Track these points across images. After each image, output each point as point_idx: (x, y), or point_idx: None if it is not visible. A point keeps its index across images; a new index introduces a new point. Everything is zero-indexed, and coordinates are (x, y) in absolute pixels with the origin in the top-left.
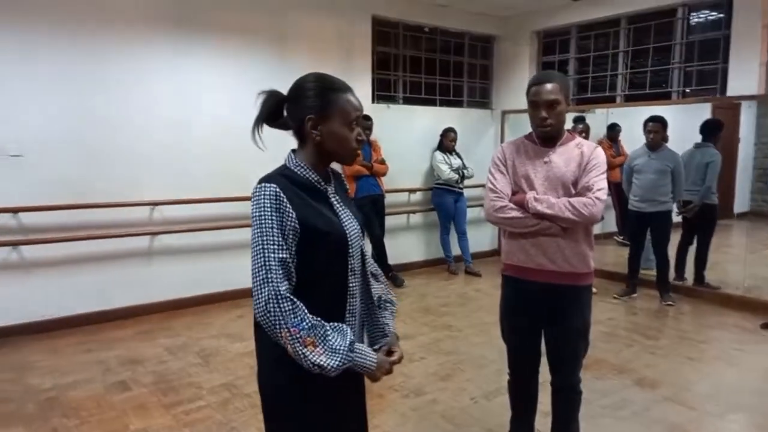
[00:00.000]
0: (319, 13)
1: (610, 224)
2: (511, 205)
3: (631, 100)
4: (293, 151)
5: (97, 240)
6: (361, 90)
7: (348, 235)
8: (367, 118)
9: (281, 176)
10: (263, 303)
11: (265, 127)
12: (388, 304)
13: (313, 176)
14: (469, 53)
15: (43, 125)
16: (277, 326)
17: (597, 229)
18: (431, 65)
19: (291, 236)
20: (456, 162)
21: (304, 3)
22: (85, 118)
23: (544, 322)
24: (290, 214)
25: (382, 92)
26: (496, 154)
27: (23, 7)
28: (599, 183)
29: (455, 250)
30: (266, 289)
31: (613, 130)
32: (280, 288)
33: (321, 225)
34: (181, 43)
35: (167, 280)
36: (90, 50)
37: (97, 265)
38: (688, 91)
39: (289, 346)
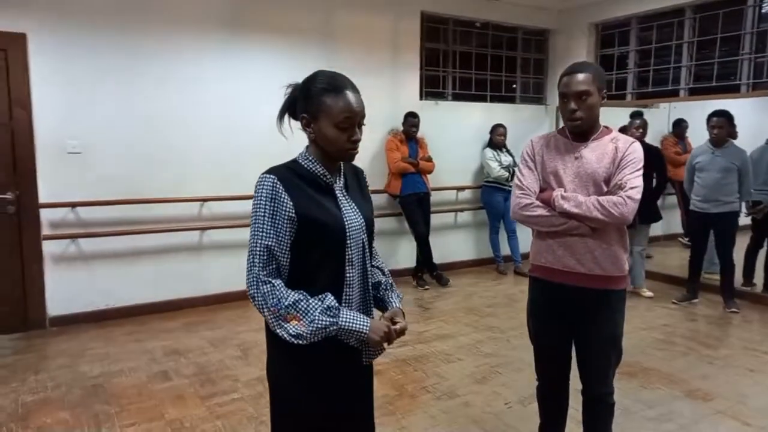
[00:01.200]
0: (367, 11)
1: (675, 225)
2: (537, 202)
3: (696, 93)
4: (307, 145)
5: (150, 234)
6: (409, 87)
7: (347, 227)
8: (414, 115)
9: (287, 168)
10: (248, 287)
11: None
12: (393, 288)
13: (318, 169)
14: (523, 48)
15: (101, 125)
16: (261, 308)
17: (659, 229)
18: (482, 60)
19: (286, 225)
20: (506, 159)
21: (352, 1)
22: (140, 118)
23: (573, 327)
24: (286, 204)
25: (431, 89)
26: (525, 149)
27: (90, 10)
28: (633, 181)
29: (505, 250)
30: (250, 274)
31: (680, 126)
32: (260, 273)
33: (319, 215)
34: (231, 45)
35: (214, 273)
36: (146, 53)
37: (150, 258)
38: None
39: (271, 324)
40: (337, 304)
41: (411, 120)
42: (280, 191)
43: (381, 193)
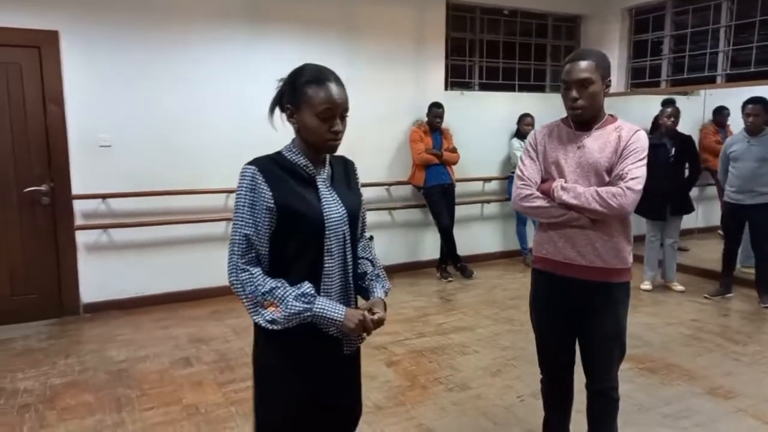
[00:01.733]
0: (390, 1)
1: (715, 217)
2: (537, 193)
3: (733, 80)
4: (294, 138)
5: (178, 225)
6: (434, 77)
7: (326, 219)
8: (438, 105)
9: (269, 159)
10: (228, 275)
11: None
12: (380, 277)
13: (301, 161)
14: (553, 35)
15: (130, 119)
16: (239, 294)
17: (699, 221)
18: (510, 49)
19: (265, 215)
20: None
21: None
22: (166, 112)
23: (575, 321)
24: (265, 194)
25: (457, 79)
26: (529, 139)
27: (118, 8)
28: (635, 171)
29: (532, 242)
30: (230, 263)
31: (721, 114)
32: (239, 261)
33: (298, 206)
34: (253, 38)
35: None
36: (171, 50)
37: (178, 248)
38: None
39: (248, 311)
40: (313, 292)
41: (435, 111)
42: (260, 182)
43: (405, 184)
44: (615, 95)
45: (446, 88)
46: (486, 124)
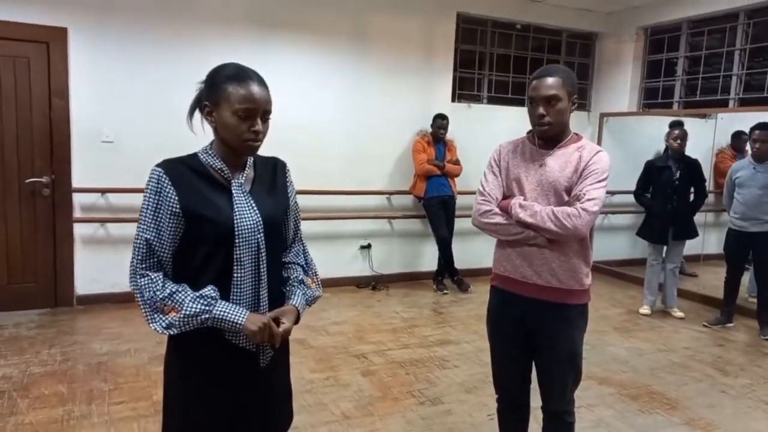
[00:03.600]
0: (399, 11)
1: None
2: (497, 210)
3: (746, 104)
4: (213, 139)
5: None
6: (441, 89)
7: (235, 226)
8: (443, 116)
9: (180, 161)
10: (129, 280)
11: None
12: (302, 284)
13: (216, 164)
14: (567, 51)
15: (134, 116)
16: (138, 299)
17: (705, 247)
18: (521, 63)
19: (169, 219)
20: None
21: (386, 0)
22: (170, 112)
23: (530, 341)
24: (171, 198)
25: (465, 91)
26: (493, 154)
27: (127, 7)
28: (592, 192)
29: None
30: (131, 267)
31: (739, 139)
32: (139, 266)
33: (204, 212)
34: (262, 44)
35: None
36: (178, 50)
37: None
38: None
39: (144, 317)
40: (215, 295)
41: (439, 122)
42: (165, 185)
43: (406, 194)
44: (627, 115)
45: (453, 100)
46: (492, 138)
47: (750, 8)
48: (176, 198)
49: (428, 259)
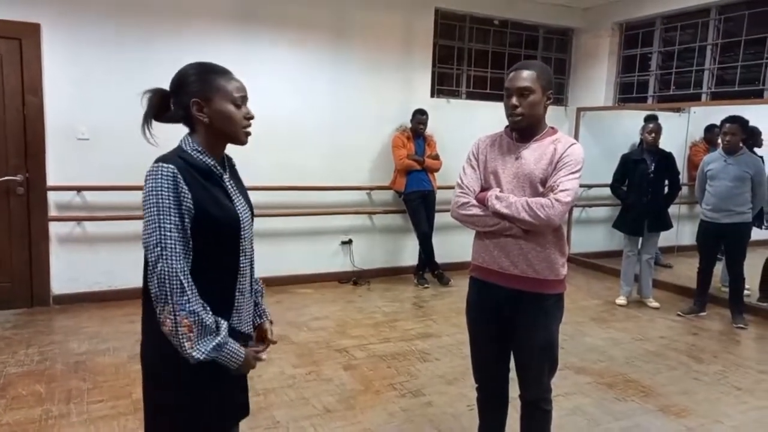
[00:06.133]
0: (379, 6)
1: None
2: (474, 202)
3: (718, 98)
4: (189, 135)
5: None
6: (420, 84)
7: (240, 220)
8: (422, 112)
9: (180, 158)
10: (157, 278)
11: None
12: (258, 288)
13: (209, 161)
14: (544, 47)
15: (110, 113)
16: (164, 300)
17: (681, 239)
18: (499, 59)
19: (186, 217)
20: None
21: None
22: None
23: (507, 330)
24: (186, 195)
25: (444, 86)
26: (471, 148)
27: (102, 2)
28: (566, 183)
29: None
30: (161, 265)
31: (711, 132)
32: (175, 265)
33: (214, 209)
34: (242, 39)
35: None
36: (156, 45)
37: None
38: None
39: (168, 320)
40: (223, 339)
41: (419, 117)
42: (180, 182)
43: (386, 189)
44: (603, 109)
45: (432, 96)
46: (471, 133)
47: (721, 4)
48: (190, 195)
49: (409, 253)
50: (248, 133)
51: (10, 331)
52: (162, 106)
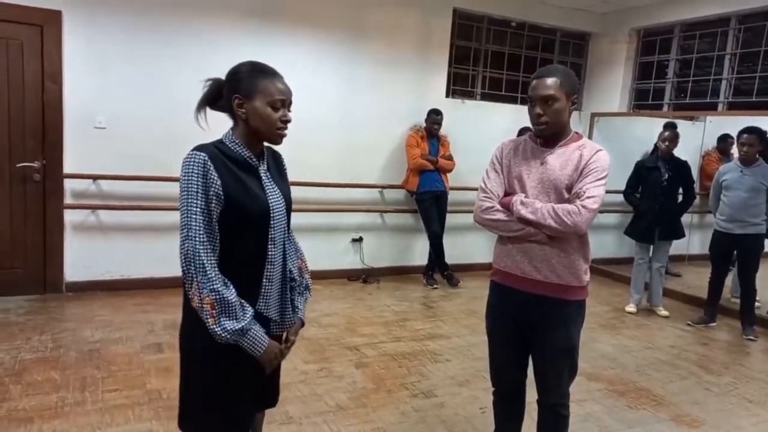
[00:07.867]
0: (397, 5)
1: None
2: (498, 206)
3: (735, 108)
4: (232, 128)
5: (166, 211)
6: (435, 84)
7: (270, 209)
8: (437, 112)
9: (215, 147)
10: (183, 257)
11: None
12: (304, 290)
13: (245, 152)
14: (560, 50)
15: (128, 103)
16: (190, 278)
17: (690, 247)
18: (515, 61)
19: (214, 202)
20: None
21: None
22: (165, 99)
23: (528, 335)
24: (215, 182)
25: (459, 87)
26: (495, 152)
27: None
28: (592, 190)
29: None
30: (186, 244)
31: (725, 142)
32: (198, 246)
33: (243, 196)
34: (260, 34)
35: None
36: (176, 37)
37: (165, 234)
38: None
39: (195, 296)
40: (248, 325)
41: (433, 117)
42: (210, 169)
43: (399, 188)
44: (618, 115)
45: (447, 96)
46: (485, 134)
47: (741, 14)
48: (219, 182)
49: (419, 253)
50: (282, 135)
51: (24, 317)
52: (216, 95)
